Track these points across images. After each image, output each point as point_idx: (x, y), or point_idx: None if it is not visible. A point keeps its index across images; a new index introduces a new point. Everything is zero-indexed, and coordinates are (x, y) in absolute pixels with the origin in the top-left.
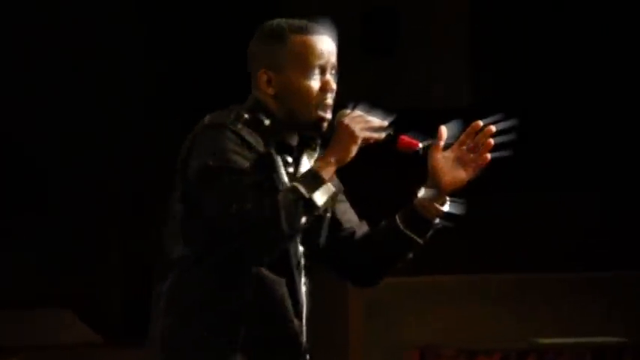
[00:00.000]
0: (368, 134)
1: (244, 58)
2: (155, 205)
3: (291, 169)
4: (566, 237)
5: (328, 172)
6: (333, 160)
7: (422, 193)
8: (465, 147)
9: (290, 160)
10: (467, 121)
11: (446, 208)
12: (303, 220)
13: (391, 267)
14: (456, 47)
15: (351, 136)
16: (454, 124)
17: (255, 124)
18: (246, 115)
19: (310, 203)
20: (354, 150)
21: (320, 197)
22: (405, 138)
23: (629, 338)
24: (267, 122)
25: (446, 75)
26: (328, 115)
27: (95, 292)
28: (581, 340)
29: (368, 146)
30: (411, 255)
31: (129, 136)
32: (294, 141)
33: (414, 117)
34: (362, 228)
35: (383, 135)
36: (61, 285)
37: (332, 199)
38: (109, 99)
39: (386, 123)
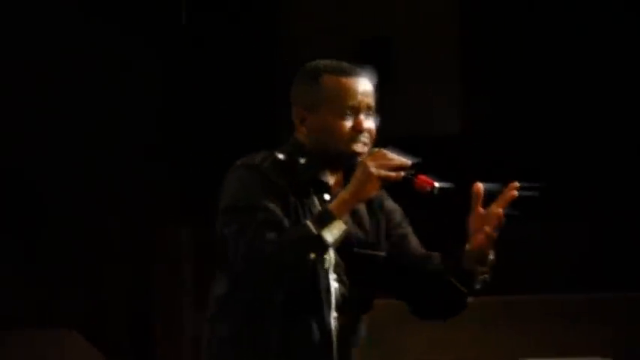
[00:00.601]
0: (384, 173)
1: (233, 89)
2: (160, 226)
3: None
4: (551, 261)
5: (342, 209)
6: (348, 197)
7: (468, 247)
8: (500, 208)
9: (328, 197)
10: (459, 147)
11: (487, 264)
12: (312, 256)
13: (444, 307)
14: (448, 74)
15: (368, 174)
16: (491, 185)
17: (289, 164)
18: (280, 156)
19: (319, 240)
20: (371, 188)
21: (330, 234)
22: (422, 177)
23: (613, 358)
24: (302, 161)
25: (438, 102)
26: (363, 149)
27: (99, 313)
28: None
29: (394, 185)
30: (465, 301)
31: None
32: (328, 178)
33: (410, 143)
34: (425, 260)
35: (402, 174)
36: (65, 305)
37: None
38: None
39: (409, 162)
